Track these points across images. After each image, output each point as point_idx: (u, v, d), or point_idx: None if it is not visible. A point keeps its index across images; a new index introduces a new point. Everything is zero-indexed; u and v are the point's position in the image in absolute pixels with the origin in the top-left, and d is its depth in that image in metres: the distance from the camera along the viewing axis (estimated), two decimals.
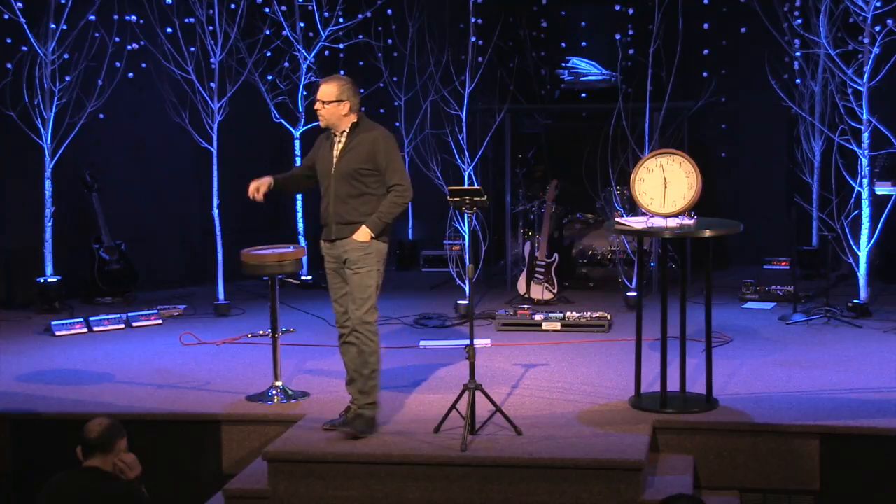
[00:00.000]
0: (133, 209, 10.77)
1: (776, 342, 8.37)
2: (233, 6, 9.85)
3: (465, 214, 8.06)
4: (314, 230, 10.05)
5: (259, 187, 6.56)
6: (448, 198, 6.37)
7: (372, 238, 6.24)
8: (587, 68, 11.14)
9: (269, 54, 10.30)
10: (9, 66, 9.58)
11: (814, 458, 6.27)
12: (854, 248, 9.07)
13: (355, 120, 6.37)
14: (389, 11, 10.84)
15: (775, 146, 11.54)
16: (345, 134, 6.35)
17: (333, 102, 6.31)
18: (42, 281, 9.77)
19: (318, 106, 6.34)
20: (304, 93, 10.48)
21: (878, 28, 8.88)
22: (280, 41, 10.25)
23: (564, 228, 10.81)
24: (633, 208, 9.18)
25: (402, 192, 6.30)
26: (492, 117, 10.08)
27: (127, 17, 9.97)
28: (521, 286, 9.86)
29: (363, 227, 6.23)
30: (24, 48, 9.56)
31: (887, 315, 9.02)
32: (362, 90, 10.77)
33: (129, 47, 10.05)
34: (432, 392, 7.14)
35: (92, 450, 4.97)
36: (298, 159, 10.43)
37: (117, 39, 9.96)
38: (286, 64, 10.32)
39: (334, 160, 6.33)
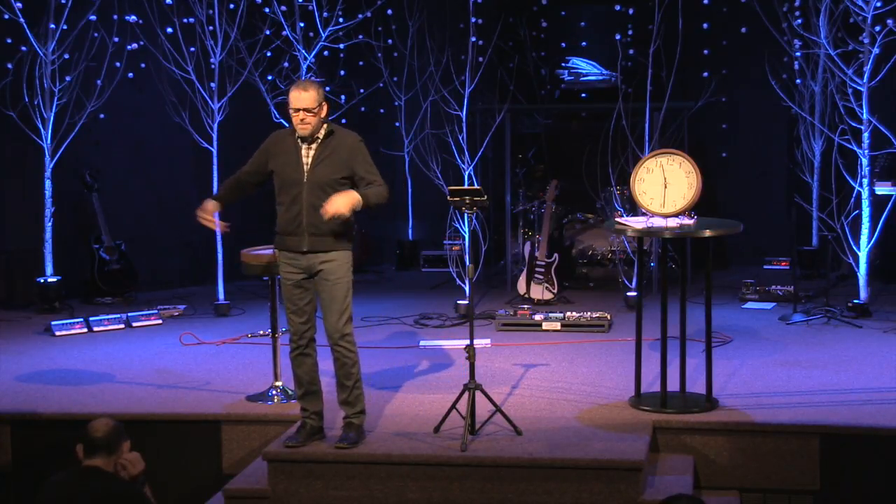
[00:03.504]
0: (133, 209, 10.77)
1: (776, 342, 8.37)
2: (232, 6, 9.84)
3: (465, 214, 8.07)
4: None
5: (212, 213, 6.34)
6: (448, 198, 6.35)
7: (343, 243, 6.05)
8: (587, 68, 11.15)
9: (269, 54, 10.29)
10: (9, 66, 9.58)
11: (814, 458, 6.27)
12: (854, 248, 9.07)
13: (326, 125, 6.10)
14: (389, 11, 10.85)
15: (775, 146, 11.55)
16: (317, 140, 6.07)
17: (317, 108, 6.00)
18: (42, 281, 9.77)
19: (303, 116, 5.96)
20: None
21: (878, 28, 8.88)
22: (280, 41, 10.25)
23: (564, 228, 10.81)
24: (633, 208, 9.18)
25: (386, 191, 6.08)
26: (492, 117, 10.08)
27: (127, 17, 9.97)
28: (521, 286, 9.86)
29: (352, 193, 5.93)
30: (24, 48, 9.56)
31: (887, 315, 9.02)
32: (362, 90, 10.83)
33: (129, 47, 10.05)
34: (432, 392, 7.14)
35: (96, 449, 4.96)
36: None
37: (117, 39, 9.97)
38: (286, 64, 10.32)
39: (306, 168, 6.05)
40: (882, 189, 9.80)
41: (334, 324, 6.10)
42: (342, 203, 5.90)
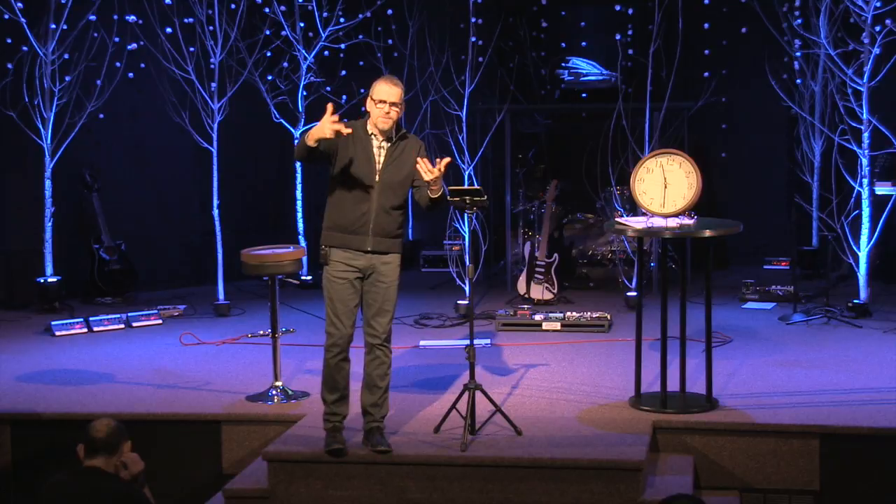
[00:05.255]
0: (133, 209, 10.77)
1: (776, 342, 8.37)
2: (233, 6, 9.85)
3: (465, 214, 8.07)
4: (314, 230, 10.05)
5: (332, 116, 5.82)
6: (448, 198, 6.34)
7: (399, 245, 6.10)
8: (587, 68, 11.14)
9: (269, 54, 10.30)
10: (9, 66, 9.58)
11: (814, 458, 6.27)
12: (854, 248, 9.07)
13: (399, 127, 6.07)
14: (389, 11, 10.84)
15: (775, 146, 11.54)
16: (391, 140, 6.03)
17: (400, 105, 5.99)
18: (42, 281, 9.77)
19: (389, 108, 5.93)
20: (304, 93, 10.48)
21: (878, 28, 8.88)
22: (280, 41, 10.26)
23: (564, 228, 10.81)
24: (633, 208, 9.18)
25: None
26: (492, 117, 10.08)
27: (127, 17, 9.97)
28: (521, 286, 9.86)
29: (441, 187, 5.98)
30: (24, 48, 9.56)
31: (887, 315, 9.02)
32: (362, 90, 10.81)
33: (129, 47, 10.05)
34: (432, 392, 7.14)
35: (97, 450, 4.95)
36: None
37: (117, 39, 9.97)
38: (286, 64, 10.32)
39: (378, 166, 5.97)
40: (882, 189, 9.79)
41: (384, 325, 6.04)
42: (439, 191, 5.97)
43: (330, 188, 6.05)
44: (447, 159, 6.00)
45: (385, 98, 5.96)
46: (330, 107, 5.81)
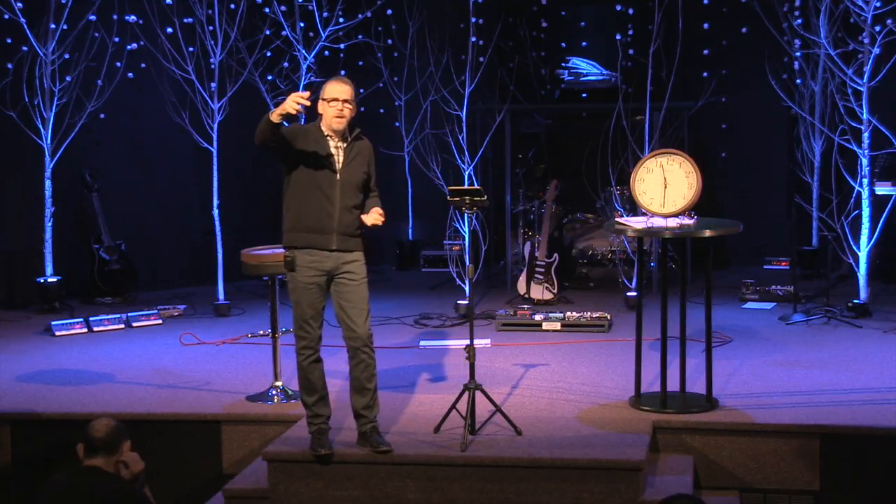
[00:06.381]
0: (133, 209, 10.78)
1: (776, 342, 8.37)
2: (233, 6, 9.85)
3: (465, 214, 8.06)
4: None
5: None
6: (448, 198, 6.34)
7: (360, 242, 6.04)
8: (587, 68, 11.15)
9: (269, 54, 10.30)
10: (9, 66, 9.58)
11: (814, 458, 6.27)
12: (854, 248, 9.07)
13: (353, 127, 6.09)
14: (389, 11, 10.85)
15: (775, 146, 11.55)
16: (346, 139, 6.03)
17: (353, 103, 5.97)
18: (42, 281, 9.78)
19: (342, 107, 5.91)
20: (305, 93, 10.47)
21: (878, 28, 8.88)
22: (280, 41, 10.25)
23: (564, 228, 10.82)
24: (633, 208, 9.18)
25: None
26: (492, 117, 10.08)
27: (127, 17, 9.97)
28: (521, 286, 9.87)
29: (377, 208, 6.01)
30: (25, 48, 9.57)
31: (887, 315, 9.02)
32: (362, 90, 10.82)
33: (129, 47, 10.06)
34: (432, 392, 7.14)
35: (96, 450, 4.95)
36: None
37: (117, 39, 9.97)
38: (286, 64, 10.32)
39: (338, 165, 5.98)
40: (882, 189, 9.80)
41: (363, 325, 5.99)
42: (379, 218, 5.97)
43: (288, 191, 6.05)
44: (378, 216, 6.01)
45: (337, 96, 5.93)
46: (308, 93, 5.83)
